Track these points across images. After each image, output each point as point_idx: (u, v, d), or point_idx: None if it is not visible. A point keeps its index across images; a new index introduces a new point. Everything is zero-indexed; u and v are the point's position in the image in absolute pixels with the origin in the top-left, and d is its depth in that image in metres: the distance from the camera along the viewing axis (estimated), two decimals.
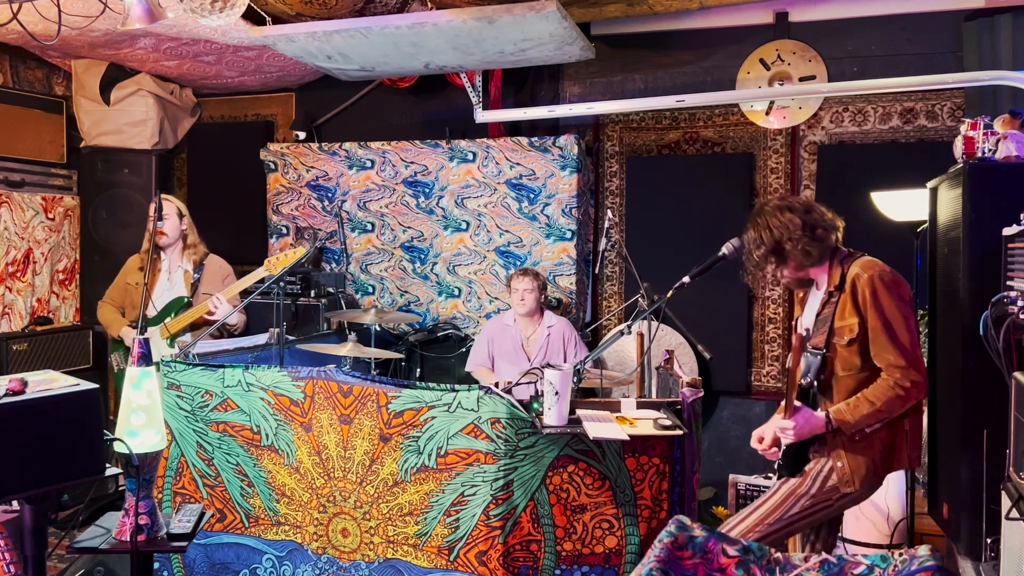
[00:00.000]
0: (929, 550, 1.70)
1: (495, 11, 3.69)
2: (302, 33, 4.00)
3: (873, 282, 2.36)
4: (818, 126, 4.59)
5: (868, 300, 2.35)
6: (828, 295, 2.45)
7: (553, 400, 2.54)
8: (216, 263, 4.10)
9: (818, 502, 2.40)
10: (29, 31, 3.06)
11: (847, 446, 2.38)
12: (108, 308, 4.07)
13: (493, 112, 4.77)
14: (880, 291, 2.35)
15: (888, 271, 2.41)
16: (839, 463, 2.39)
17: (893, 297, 2.35)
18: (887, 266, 2.43)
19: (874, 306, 2.34)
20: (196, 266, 4.01)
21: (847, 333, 2.38)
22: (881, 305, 2.34)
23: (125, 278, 4.06)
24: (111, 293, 4.11)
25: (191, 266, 4.01)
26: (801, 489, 2.42)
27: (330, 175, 5.10)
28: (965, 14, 4.25)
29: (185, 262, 4.02)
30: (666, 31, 4.75)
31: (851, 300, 2.38)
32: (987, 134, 2.77)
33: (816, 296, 2.56)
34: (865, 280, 2.36)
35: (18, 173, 4.85)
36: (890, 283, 2.37)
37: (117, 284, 4.10)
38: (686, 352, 4.38)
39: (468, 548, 2.66)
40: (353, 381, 2.81)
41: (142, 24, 2.90)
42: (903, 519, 3.57)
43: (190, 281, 4.00)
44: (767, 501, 2.45)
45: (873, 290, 2.35)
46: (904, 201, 3.53)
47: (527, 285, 4.05)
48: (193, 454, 3.02)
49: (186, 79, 5.28)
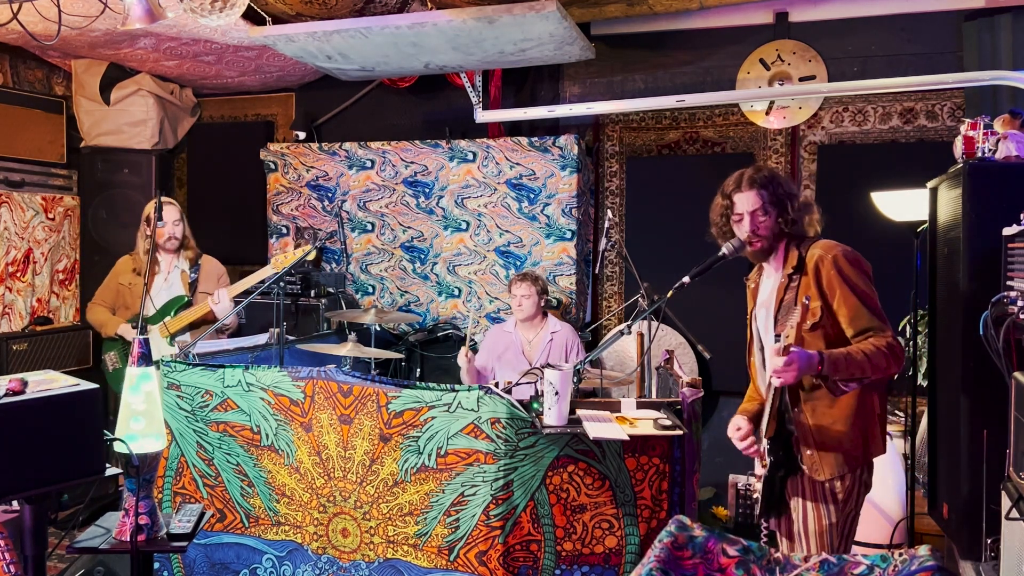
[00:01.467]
0: (929, 550, 1.70)
1: (495, 11, 3.69)
2: (302, 33, 4.00)
3: (837, 261, 2.33)
4: (818, 126, 4.59)
5: (834, 278, 2.31)
6: (787, 278, 2.41)
7: (553, 400, 2.54)
8: (211, 263, 4.15)
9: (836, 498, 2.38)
10: (29, 31, 3.06)
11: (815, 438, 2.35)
12: (100, 309, 4.07)
13: (493, 112, 4.77)
14: (845, 268, 2.32)
15: (850, 250, 2.38)
16: (808, 452, 2.36)
17: (859, 272, 2.33)
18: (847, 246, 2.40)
19: (842, 282, 2.30)
20: (192, 265, 4.03)
21: (810, 317, 2.32)
22: (849, 279, 2.31)
23: (117, 279, 4.06)
24: (102, 294, 4.10)
25: (187, 265, 4.03)
26: (817, 498, 2.38)
27: (330, 175, 5.11)
28: (965, 14, 4.25)
29: (181, 262, 4.04)
30: (666, 31, 4.75)
31: (814, 282, 2.34)
32: (987, 134, 2.77)
33: (769, 282, 2.52)
34: (829, 260, 2.33)
35: (18, 173, 4.85)
36: (853, 260, 2.35)
37: (108, 285, 4.10)
38: (686, 352, 4.38)
39: (468, 548, 2.66)
40: (353, 381, 2.81)
41: (142, 24, 2.90)
42: (903, 519, 3.57)
43: (187, 280, 4.01)
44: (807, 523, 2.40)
45: (838, 268, 2.32)
46: (904, 201, 3.53)
47: (524, 291, 4.01)
48: (193, 454, 3.02)
49: (186, 79, 5.28)
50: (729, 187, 2.49)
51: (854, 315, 2.30)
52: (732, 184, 2.48)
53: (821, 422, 2.35)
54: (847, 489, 2.37)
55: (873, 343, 2.26)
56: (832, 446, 2.34)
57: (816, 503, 2.39)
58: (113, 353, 4.03)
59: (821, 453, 2.34)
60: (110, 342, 4.04)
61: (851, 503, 2.38)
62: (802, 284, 2.38)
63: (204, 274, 4.06)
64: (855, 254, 2.38)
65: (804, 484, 2.41)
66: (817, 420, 2.35)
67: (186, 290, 4.00)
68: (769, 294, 2.51)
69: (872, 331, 2.29)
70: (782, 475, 2.43)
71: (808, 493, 2.40)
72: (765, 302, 2.53)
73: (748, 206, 2.43)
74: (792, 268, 2.41)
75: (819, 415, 2.35)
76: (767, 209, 2.42)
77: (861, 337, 2.29)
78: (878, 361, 2.24)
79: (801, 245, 2.43)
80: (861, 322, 2.29)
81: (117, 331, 3.97)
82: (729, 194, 2.48)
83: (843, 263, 2.33)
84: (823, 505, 2.38)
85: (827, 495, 2.38)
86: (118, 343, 4.01)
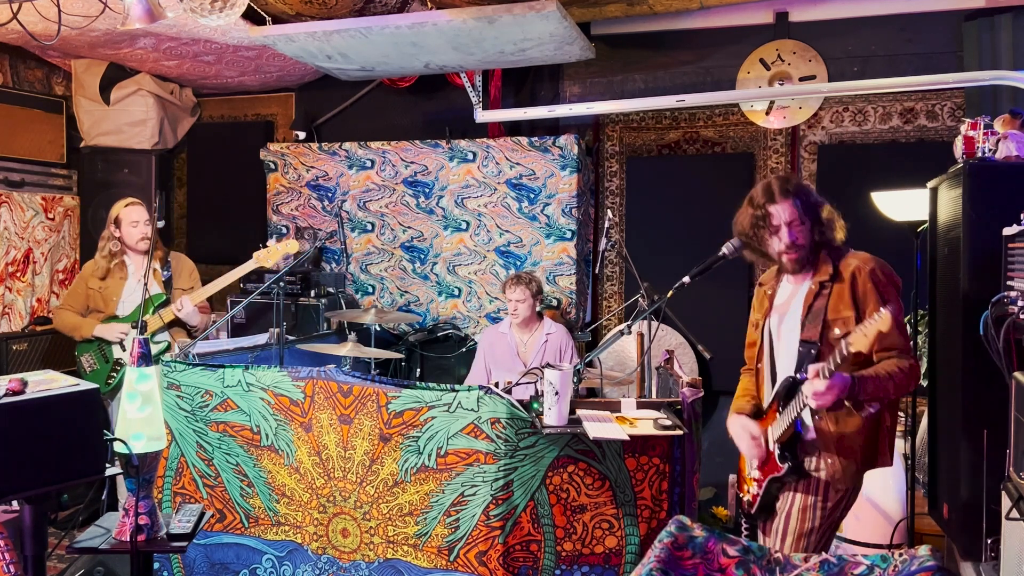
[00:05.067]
0: (929, 550, 1.70)
1: (495, 11, 3.69)
2: (302, 33, 4.00)
3: (875, 274, 2.36)
4: (818, 126, 4.59)
5: (871, 291, 2.33)
6: (819, 286, 2.41)
7: (553, 400, 2.54)
8: (181, 259, 4.16)
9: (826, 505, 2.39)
10: (29, 31, 3.06)
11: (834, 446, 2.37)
12: (68, 313, 4.01)
13: (493, 112, 4.77)
14: (882, 282, 2.35)
15: (885, 264, 2.41)
16: (828, 460, 2.37)
17: (893, 289, 2.37)
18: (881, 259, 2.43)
19: (878, 296, 2.33)
20: (163, 264, 4.02)
21: (841, 326, 2.34)
22: (885, 294, 2.34)
23: (85, 284, 4.00)
24: (69, 300, 4.06)
25: (158, 264, 4.00)
26: (808, 501, 2.40)
27: (330, 175, 5.10)
28: (965, 14, 4.25)
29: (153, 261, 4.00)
30: (666, 31, 4.75)
31: (849, 292, 2.36)
32: (987, 134, 2.77)
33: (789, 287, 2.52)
34: (867, 272, 2.36)
35: (18, 173, 4.85)
36: (889, 275, 2.39)
37: (75, 291, 4.05)
38: (686, 352, 4.38)
39: (468, 548, 2.66)
40: (353, 381, 2.81)
41: (142, 24, 2.90)
42: (903, 519, 3.57)
43: (161, 279, 3.99)
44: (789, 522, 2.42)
45: (875, 281, 2.35)
46: (904, 201, 3.53)
47: (519, 296, 3.98)
48: (193, 454, 3.02)
49: (186, 79, 5.28)
50: (761, 198, 2.42)
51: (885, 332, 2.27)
52: (763, 195, 2.42)
53: (842, 430, 2.37)
54: (838, 498, 2.39)
55: (898, 365, 2.29)
56: (850, 454, 2.37)
57: (805, 504, 2.41)
58: (89, 355, 3.97)
59: (842, 460, 2.36)
60: (84, 344, 3.97)
61: (837, 511, 2.41)
62: (834, 293, 2.38)
63: (176, 271, 4.06)
64: (890, 269, 2.40)
65: (799, 484, 2.42)
66: (839, 428, 2.37)
67: (162, 288, 3.98)
68: (788, 299, 2.51)
69: (897, 350, 2.31)
70: (790, 480, 2.44)
71: (800, 494, 2.42)
72: (782, 307, 2.52)
73: (786, 217, 2.39)
74: (827, 276, 2.40)
75: (840, 423, 2.37)
76: (803, 219, 2.40)
77: (886, 354, 2.31)
78: (901, 382, 2.28)
79: (834, 255, 2.44)
80: (890, 340, 2.29)
81: (95, 332, 3.91)
82: (763, 204, 2.42)
83: (880, 277, 2.36)
84: (811, 509, 2.40)
85: (818, 499, 2.39)
86: (93, 344, 3.95)
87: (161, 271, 4.02)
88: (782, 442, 2.41)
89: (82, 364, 4.01)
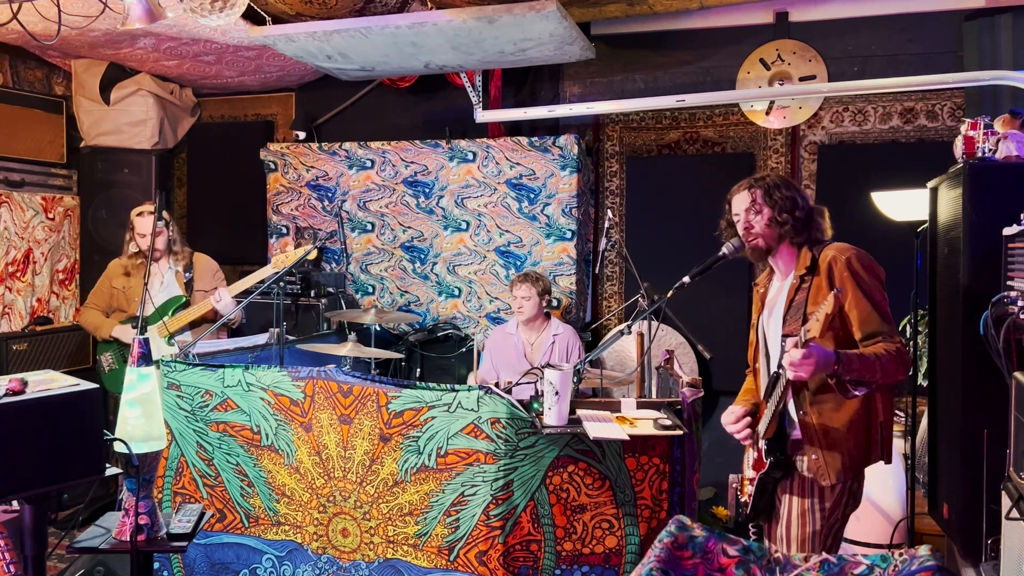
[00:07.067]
0: (929, 550, 1.70)
1: (495, 11, 3.69)
2: (302, 33, 4.00)
3: (851, 262, 2.33)
4: (818, 126, 4.59)
5: (847, 280, 2.31)
6: (799, 280, 2.41)
7: (553, 400, 2.54)
8: (204, 260, 4.17)
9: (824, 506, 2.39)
10: (29, 31, 3.06)
11: (820, 440, 2.35)
12: (93, 312, 4.08)
13: (493, 112, 4.77)
14: (858, 270, 2.32)
15: (864, 253, 2.38)
16: (813, 456, 2.36)
17: (872, 276, 2.34)
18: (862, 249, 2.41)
19: (855, 284, 2.31)
20: (186, 267, 4.04)
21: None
22: (862, 281, 2.31)
23: (110, 282, 4.06)
24: (94, 299, 4.11)
25: (181, 267, 4.04)
26: (806, 504, 2.38)
27: (330, 175, 5.11)
28: (965, 14, 4.25)
29: (175, 263, 4.04)
30: (666, 31, 4.75)
31: (826, 282, 2.34)
32: (987, 134, 2.77)
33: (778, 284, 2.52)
34: (843, 261, 2.33)
35: (18, 173, 4.85)
36: (867, 263, 2.36)
37: (100, 289, 4.10)
38: (686, 352, 4.38)
39: (468, 548, 2.66)
40: (353, 381, 2.81)
41: (142, 24, 2.90)
42: (903, 519, 3.57)
43: (183, 281, 4.02)
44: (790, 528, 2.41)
45: (852, 270, 2.32)
46: (904, 201, 3.53)
47: (524, 292, 3.98)
48: (193, 454, 3.02)
49: (186, 79, 5.28)
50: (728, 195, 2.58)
51: (865, 318, 2.29)
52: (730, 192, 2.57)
53: (827, 423, 2.35)
54: (835, 498, 2.36)
55: (884, 347, 2.25)
56: (837, 448, 2.34)
57: (803, 508, 2.39)
58: (109, 354, 4.03)
59: (827, 454, 2.34)
60: (104, 344, 4.04)
61: (837, 512, 2.38)
62: (814, 284, 2.37)
63: (199, 272, 4.08)
64: (869, 258, 2.39)
65: (794, 488, 2.41)
66: (823, 421, 2.35)
67: (183, 290, 4.00)
68: (776, 295, 2.51)
69: (881, 336, 2.28)
70: (778, 477, 2.43)
71: (796, 498, 2.40)
72: (770, 304, 2.53)
73: (740, 205, 2.50)
74: (805, 269, 2.40)
75: (825, 417, 2.35)
76: (759, 208, 2.45)
77: (870, 341, 2.29)
78: (888, 365, 2.24)
79: (815, 247, 2.44)
80: (871, 326, 2.29)
81: (112, 333, 3.97)
82: (728, 199, 2.57)
83: (856, 265, 2.33)
84: (809, 512, 2.38)
85: (815, 501, 2.37)
86: (113, 344, 4.01)
87: (184, 273, 4.04)
88: (768, 437, 2.40)
89: (101, 363, 4.06)
